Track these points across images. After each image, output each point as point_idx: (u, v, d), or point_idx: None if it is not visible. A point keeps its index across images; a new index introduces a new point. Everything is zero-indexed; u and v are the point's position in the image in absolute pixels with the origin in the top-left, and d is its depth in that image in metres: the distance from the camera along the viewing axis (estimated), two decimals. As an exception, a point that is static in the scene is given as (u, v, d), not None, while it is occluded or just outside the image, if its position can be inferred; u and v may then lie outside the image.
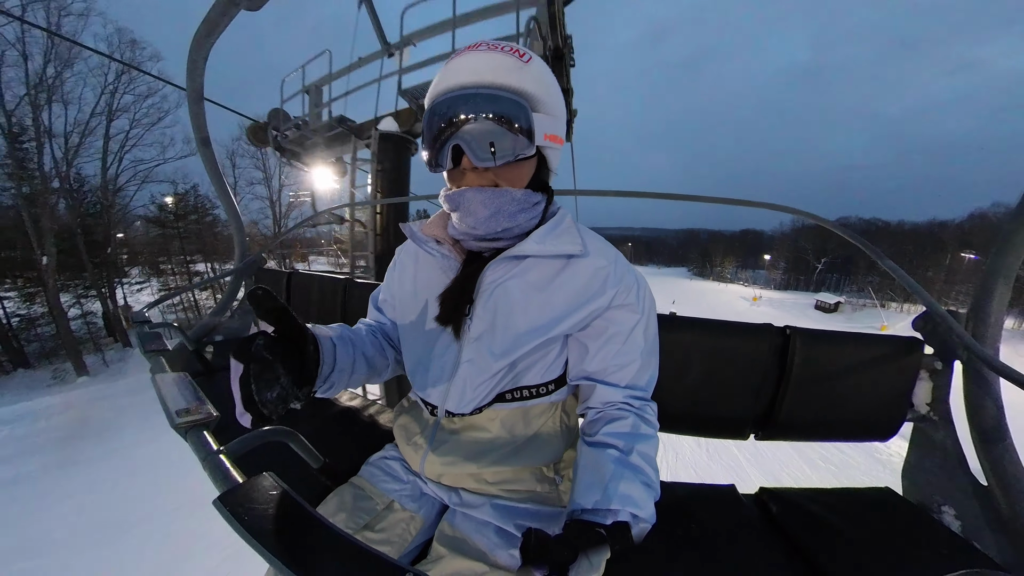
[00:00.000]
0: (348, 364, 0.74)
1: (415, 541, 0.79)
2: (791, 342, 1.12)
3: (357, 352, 0.77)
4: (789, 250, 73.30)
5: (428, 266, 0.81)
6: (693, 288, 64.47)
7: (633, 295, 0.74)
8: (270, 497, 0.41)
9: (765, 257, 78.36)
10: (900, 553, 0.88)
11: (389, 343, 0.91)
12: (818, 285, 65.98)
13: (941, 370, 1.11)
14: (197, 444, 0.60)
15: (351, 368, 0.75)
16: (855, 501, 1.06)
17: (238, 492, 0.42)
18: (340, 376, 0.72)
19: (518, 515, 0.75)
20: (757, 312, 39.22)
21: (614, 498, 0.59)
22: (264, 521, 0.38)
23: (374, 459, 0.94)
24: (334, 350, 0.71)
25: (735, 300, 48.77)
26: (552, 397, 0.80)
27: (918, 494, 1.10)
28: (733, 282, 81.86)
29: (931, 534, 0.95)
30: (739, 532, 0.94)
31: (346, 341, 0.76)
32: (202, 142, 1.58)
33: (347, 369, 0.73)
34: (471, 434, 0.79)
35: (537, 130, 0.65)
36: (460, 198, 0.69)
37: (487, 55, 0.63)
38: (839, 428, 1.17)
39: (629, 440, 0.67)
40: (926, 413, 1.13)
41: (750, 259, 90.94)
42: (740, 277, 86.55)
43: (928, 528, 0.98)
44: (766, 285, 72.50)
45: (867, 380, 1.11)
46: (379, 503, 0.81)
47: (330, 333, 0.73)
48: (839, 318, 41.97)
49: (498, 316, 0.72)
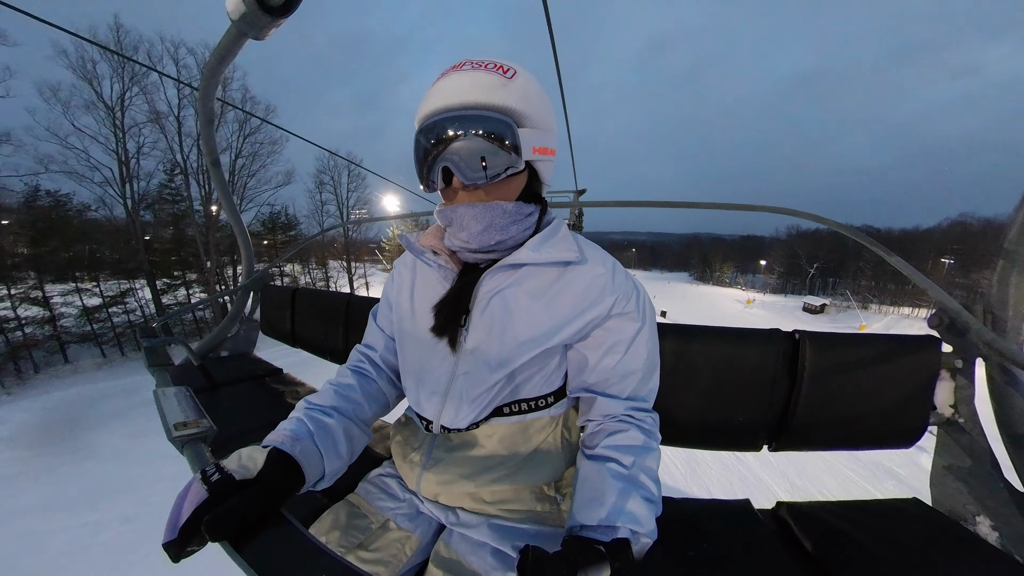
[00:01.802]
0: (340, 466, 0.69)
1: (410, 562, 0.74)
2: (801, 347, 1.05)
3: (353, 439, 0.73)
4: (784, 255, 74.69)
5: (426, 277, 0.80)
6: (692, 292, 66.83)
7: (632, 303, 0.72)
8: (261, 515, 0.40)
9: (761, 263, 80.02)
10: (933, 568, 0.80)
11: (388, 375, 0.88)
12: (811, 289, 67.19)
13: (962, 368, 1.03)
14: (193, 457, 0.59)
15: (346, 462, 0.71)
16: (881, 513, 0.98)
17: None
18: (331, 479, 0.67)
19: (517, 536, 0.72)
20: (750, 314, 42.03)
21: (614, 514, 0.56)
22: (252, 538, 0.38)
23: (371, 476, 0.91)
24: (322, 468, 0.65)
25: (730, 303, 52.76)
26: (552, 411, 0.77)
27: (949, 504, 1.02)
28: (732, 286, 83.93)
29: (967, 547, 0.87)
30: (755, 550, 0.88)
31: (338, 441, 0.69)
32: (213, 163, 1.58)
33: (340, 469, 0.69)
34: (468, 451, 0.76)
35: (524, 145, 0.64)
36: (453, 214, 0.69)
37: (470, 75, 0.63)
38: (857, 436, 1.09)
39: (630, 453, 0.65)
40: (951, 416, 1.05)
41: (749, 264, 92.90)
42: (738, 281, 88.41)
43: (963, 540, 0.89)
44: (762, 289, 74.36)
45: (884, 383, 1.04)
46: (374, 522, 0.77)
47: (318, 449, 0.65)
48: (824, 319, 45.83)
49: (495, 326, 0.70)
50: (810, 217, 1.44)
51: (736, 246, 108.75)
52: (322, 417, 0.70)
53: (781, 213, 1.50)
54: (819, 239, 70.09)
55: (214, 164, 1.60)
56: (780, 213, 1.50)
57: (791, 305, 52.39)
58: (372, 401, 0.82)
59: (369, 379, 0.85)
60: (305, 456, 0.62)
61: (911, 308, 47.07)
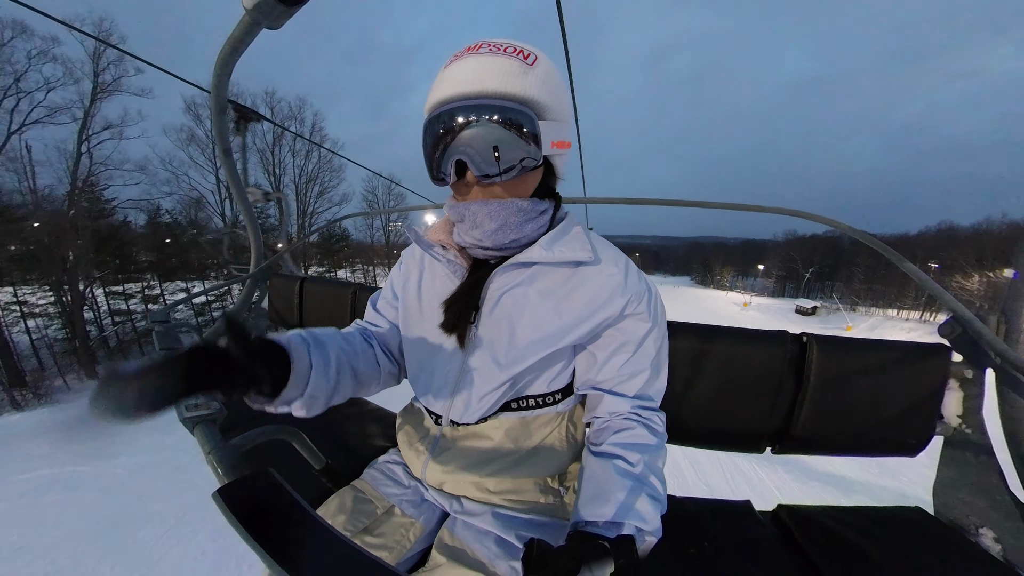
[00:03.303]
0: (324, 391, 0.63)
1: (414, 548, 0.74)
2: (808, 350, 1.04)
3: (343, 374, 0.68)
4: (781, 260, 75.66)
5: (434, 271, 0.78)
6: (692, 295, 68.84)
7: (644, 304, 0.70)
8: (269, 494, 0.41)
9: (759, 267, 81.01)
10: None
11: (384, 351, 0.84)
12: (807, 292, 68.16)
13: (972, 379, 1.01)
14: (203, 437, 0.59)
15: (328, 393, 0.65)
16: (881, 520, 0.97)
17: (238, 486, 0.41)
18: (311, 402, 0.62)
19: (520, 525, 0.71)
20: (746, 316, 43.25)
21: (619, 510, 0.56)
22: (261, 518, 0.38)
23: (377, 463, 0.91)
24: (307, 378, 0.60)
25: (727, 305, 53.73)
26: (558, 407, 0.76)
27: (952, 514, 1.00)
28: (732, 290, 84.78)
29: (968, 559, 0.86)
30: (755, 551, 0.87)
31: (328, 361, 0.65)
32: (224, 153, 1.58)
33: (321, 396, 0.63)
34: (474, 443, 0.76)
35: (544, 139, 0.61)
36: (466, 211, 0.66)
37: (489, 59, 0.58)
38: (862, 442, 1.07)
39: (636, 451, 0.63)
40: (958, 426, 1.03)
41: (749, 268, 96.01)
42: (737, 285, 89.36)
43: (964, 552, 0.88)
44: (760, 292, 75.48)
45: (891, 391, 1.02)
46: (379, 507, 0.78)
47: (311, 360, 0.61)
48: (815, 320, 47.90)
49: (504, 325, 0.69)
50: (821, 219, 1.40)
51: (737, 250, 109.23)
52: (321, 338, 0.67)
53: (790, 215, 1.48)
54: (815, 244, 70.90)
55: (225, 153, 1.60)
56: (789, 215, 1.48)
57: (785, 307, 54.26)
58: (366, 360, 0.77)
59: (368, 343, 0.81)
60: (296, 355, 0.58)
61: (896, 310, 49.54)
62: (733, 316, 43.02)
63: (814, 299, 60.38)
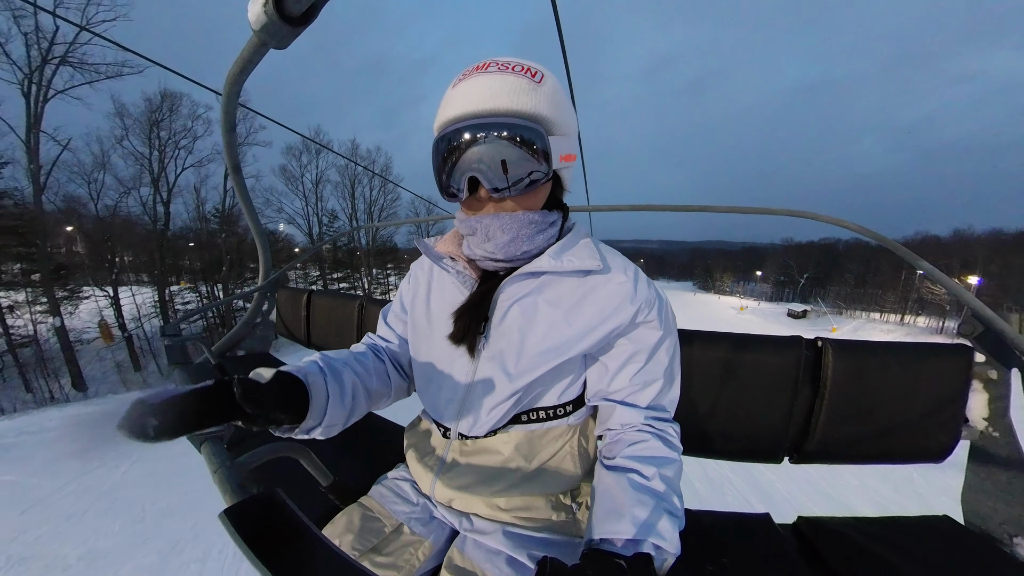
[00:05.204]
0: (341, 417, 0.67)
1: (423, 567, 0.72)
2: (823, 354, 1.00)
3: (358, 398, 0.71)
4: (778, 266, 76.76)
5: (443, 283, 0.77)
6: (693, 299, 69.92)
7: (655, 312, 0.68)
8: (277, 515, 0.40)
9: (758, 273, 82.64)
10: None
11: (395, 366, 0.84)
12: (803, 297, 68.93)
13: (997, 379, 0.97)
14: (210, 455, 0.58)
15: (345, 419, 0.68)
16: (907, 531, 0.92)
17: (245, 507, 0.41)
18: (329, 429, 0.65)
19: (532, 544, 0.69)
20: (742, 319, 44.50)
21: (635, 527, 0.52)
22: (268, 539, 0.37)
23: (385, 478, 0.88)
24: (325, 408, 0.63)
25: (725, 309, 55.44)
26: (569, 420, 0.73)
27: (983, 523, 0.95)
28: (731, 295, 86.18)
29: (1002, 569, 0.81)
30: (775, 566, 0.83)
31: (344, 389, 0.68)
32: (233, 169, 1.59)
33: (338, 423, 0.67)
34: (484, 458, 0.73)
35: (553, 153, 0.61)
36: (478, 224, 0.66)
37: (499, 78, 0.59)
38: (883, 450, 1.02)
39: (650, 464, 0.61)
40: (984, 429, 0.98)
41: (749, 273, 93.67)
42: (737, 290, 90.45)
43: (998, 563, 0.83)
44: (758, 297, 76.82)
45: (912, 394, 0.98)
46: (387, 525, 0.75)
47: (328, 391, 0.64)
48: (804, 323, 49.80)
49: (514, 334, 0.67)
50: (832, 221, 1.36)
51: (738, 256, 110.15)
52: (336, 365, 0.69)
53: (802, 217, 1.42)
54: (810, 250, 71.89)
55: (235, 170, 1.61)
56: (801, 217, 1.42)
57: (780, 311, 55.05)
58: (379, 378, 0.79)
59: (380, 359, 0.83)
60: (314, 389, 0.61)
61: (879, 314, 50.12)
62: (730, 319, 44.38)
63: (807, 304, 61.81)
